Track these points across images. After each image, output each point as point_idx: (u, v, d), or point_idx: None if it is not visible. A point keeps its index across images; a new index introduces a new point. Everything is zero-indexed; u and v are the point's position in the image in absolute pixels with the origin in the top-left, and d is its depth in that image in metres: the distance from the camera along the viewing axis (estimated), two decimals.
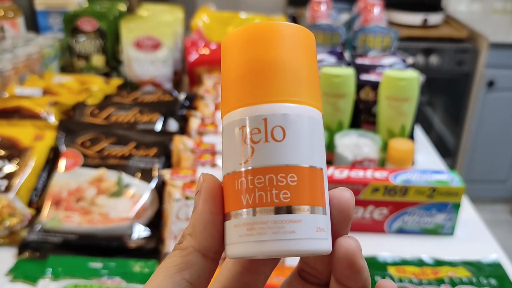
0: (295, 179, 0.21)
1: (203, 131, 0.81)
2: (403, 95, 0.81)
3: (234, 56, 0.23)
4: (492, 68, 1.98)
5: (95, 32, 1.13)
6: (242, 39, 0.23)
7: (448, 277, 0.62)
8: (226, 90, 0.24)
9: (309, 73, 0.23)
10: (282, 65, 0.23)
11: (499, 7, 2.36)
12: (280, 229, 0.21)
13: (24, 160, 0.74)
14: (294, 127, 0.22)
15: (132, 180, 0.71)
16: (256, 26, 0.23)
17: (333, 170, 0.71)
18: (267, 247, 0.21)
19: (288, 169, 0.21)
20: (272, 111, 0.22)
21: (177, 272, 0.22)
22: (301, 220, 0.21)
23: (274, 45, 0.23)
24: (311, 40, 0.24)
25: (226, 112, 0.23)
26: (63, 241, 0.65)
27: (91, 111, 0.86)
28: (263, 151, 0.22)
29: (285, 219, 0.21)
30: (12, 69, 0.99)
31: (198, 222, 0.23)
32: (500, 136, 2.09)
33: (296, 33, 0.23)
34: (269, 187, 0.21)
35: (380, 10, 1.21)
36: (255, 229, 0.21)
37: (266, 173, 0.21)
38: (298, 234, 0.21)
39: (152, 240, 0.66)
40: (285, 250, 0.21)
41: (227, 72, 0.24)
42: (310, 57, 0.24)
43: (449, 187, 0.69)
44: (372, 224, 0.71)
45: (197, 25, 1.27)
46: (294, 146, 0.22)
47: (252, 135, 0.22)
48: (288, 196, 0.21)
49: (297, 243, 0.21)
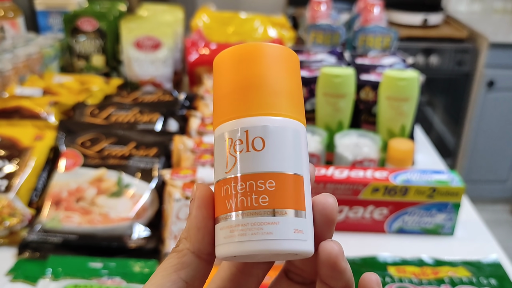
0: (273, 185, 0.23)
1: (203, 131, 0.81)
2: (403, 95, 0.81)
3: (223, 74, 0.26)
4: (492, 68, 1.97)
5: (95, 32, 1.13)
6: (231, 58, 0.26)
7: (448, 277, 0.62)
8: (216, 104, 0.26)
9: (289, 88, 0.25)
10: (263, 81, 0.25)
11: (499, 7, 2.36)
12: (258, 230, 0.23)
13: (24, 160, 0.74)
14: (273, 138, 0.24)
15: (132, 180, 0.71)
16: (243, 46, 0.25)
17: (333, 170, 0.71)
18: (246, 247, 0.23)
19: (267, 176, 0.23)
20: (253, 124, 0.24)
21: (174, 272, 0.24)
22: (279, 222, 0.23)
23: (257, 64, 0.25)
24: (292, 59, 0.26)
25: (216, 125, 0.26)
26: (63, 241, 0.65)
27: (91, 111, 0.86)
28: (245, 160, 0.24)
29: (264, 221, 0.23)
30: (12, 69, 0.99)
31: (192, 226, 0.25)
32: (500, 136, 2.09)
33: (278, 52, 0.25)
34: (249, 193, 0.23)
35: (380, 10, 1.21)
36: (237, 230, 0.23)
37: (247, 180, 0.23)
38: (276, 235, 0.23)
39: (152, 240, 0.66)
40: (263, 249, 0.23)
41: (217, 88, 0.26)
42: (291, 74, 0.26)
43: (449, 187, 0.69)
44: (372, 224, 0.71)
45: (197, 25, 1.27)
46: (273, 155, 0.24)
47: (235, 146, 0.24)
48: (266, 201, 0.23)
49: (275, 243, 0.23)
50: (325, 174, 0.69)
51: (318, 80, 0.85)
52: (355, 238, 0.71)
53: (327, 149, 0.86)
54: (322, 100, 0.85)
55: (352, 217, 0.71)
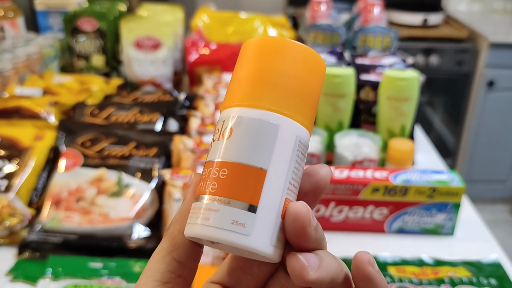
0: (226, 174, 0.24)
1: (203, 131, 0.81)
2: (403, 95, 0.81)
3: (248, 58, 0.26)
4: (492, 68, 1.97)
5: (95, 32, 1.13)
6: (262, 47, 0.26)
7: (448, 277, 0.62)
8: (230, 85, 0.27)
9: (291, 85, 0.25)
10: (260, 73, 0.25)
11: (499, 7, 2.36)
12: (202, 215, 0.23)
13: (24, 160, 0.74)
14: (241, 128, 0.24)
15: (132, 180, 0.71)
16: (280, 40, 0.25)
17: (333, 170, 0.71)
18: (190, 229, 0.24)
19: (223, 164, 0.24)
20: (230, 114, 0.25)
21: (167, 254, 0.25)
22: (218, 210, 0.23)
23: (285, 64, 0.25)
24: (322, 68, 0.26)
25: (223, 108, 0.27)
26: (63, 241, 0.65)
27: (91, 111, 0.86)
28: (213, 148, 0.25)
29: (207, 207, 0.23)
30: (12, 69, 0.99)
31: (185, 209, 0.25)
32: (500, 136, 2.09)
33: (312, 58, 0.26)
34: (206, 179, 0.24)
35: (380, 10, 1.21)
36: (193, 213, 0.24)
37: (209, 166, 0.25)
38: (212, 222, 0.23)
39: (152, 240, 0.66)
40: (199, 234, 0.23)
41: (237, 71, 0.27)
42: (302, 73, 0.25)
43: (449, 187, 0.69)
44: (372, 224, 0.71)
45: (197, 25, 1.27)
46: (236, 145, 0.24)
47: (214, 134, 0.25)
48: (215, 188, 0.24)
49: (209, 229, 0.23)
50: None
51: None
52: (355, 238, 0.71)
53: (327, 149, 0.86)
54: (322, 100, 0.85)
55: (352, 217, 0.71)
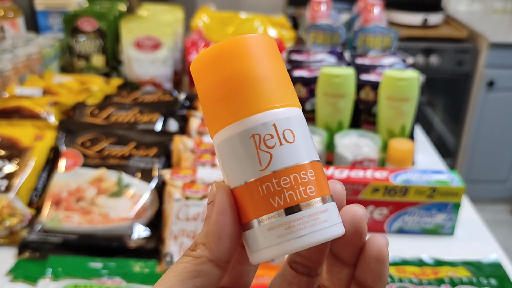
0: (313, 174, 0.23)
1: (203, 131, 0.81)
2: (403, 95, 0.81)
3: (211, 76, 0.24)
4: (492, 68, 1.97)
5: (95, 32, 1.13)
6: (213, 59, 0.24)
7: (448, 277, 0.62)
8: (212, 108, 0.24)
9: (285, 76, 0.25)
10: (263, 73, 0.24)
11: (499, 7, 2.36)
12: (315, 220, 0.23)
13: (24, 160, 0.74)
14: (298, 128, 0.24)
15: (132, 180, 0.71)
16: (224, 43, 0.24)
17: (333, 170, 0.71)
18: (308, 239, 0.22)
19: (306, 166, 0.23)
20: (277, 116, 0.23)
21: (189, 279, 0.23)
22: (328, 209, 0.23)
23: (248, 57, 0.24)
24: (275, 45, 0.26)
25: (219, 128, 0.24)
26: (63, 241, 0.65)
27: (91, 111, 0.86)
28: (281, 154, 0.23)
29: (318, 211, 0.23)
30: (12, 69, 0.99)
31: (212, 233, 0.23)
32: (500, 136, 2.09)
33: (260, 42, 0.25)
34: (295, 186, 0.23)
35: (380, 10, 1.21)
36: (294, 226, 0.22)
37: (289, 173, 0.23)
38: (330, 222, 0.23)
39: (152, 240, 0.66)
40: (324, 238, 0.23)
41: (207, 92, 0.25)
42: (280, 61, 0.25)
43: (449, 187, 0.69)
44: (372, 224, 0.71)
45: (197, 25, 1.27)
46: (303, 145, 0.24)
47: (265, 141, 0.23)
48: (313, 190, 0.23)
49: (332, 229, 0.23)
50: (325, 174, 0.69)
51: (318, 80, 0.85)
52: None
53: (327, 149, 0.86)
54: (322, 100, 0.85)
55: None
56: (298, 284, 0.26)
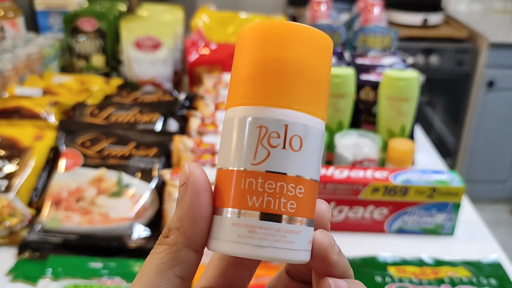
0: (302, 191, 0.22)
1: (203, 131, 0.81)
2: (403, 95, 0.81)
3: (252, 50, 0.23)
4: (492, 68, 1.98)
5: (95, 32, 1.13)
6: (263, 35, 0.23)
7: (448, 277, 0.62)
8: (239, 82, 0.23)
9: (326, 84, 0.23)
10: (306, 72, 0.22)
11: (499, 7, 2.36)
12: (281, 238, 0.22)
13: (24, 160, 0.74)
14: (310, 140, 0.22)
15: (132, 180, 0.71)
16: (281, 24, 0.22)
17: (333, 170, 0.71)
18: (266, 253, 0.21)
19: (298, 181, 0.22)
20: (294, 119, 0.22)
21: (168, 269, 0.22)
22: (300, 231, 0.22)
23: (297, 48, 0.22)
24: (331, 48, 0.24)
25: (237, 105, 0.23)
26: (63, 241, 0.65)
27: (91, 111, 0.86)
28: (279, 157, 0.22)
29: (288, 229, 0.22)
30: (12, 69, 0.99)
31: (187, 217, 0.22)
32: (500, 136, 2.09)
33: (318, 38, 0.23)
34: (278, 194, 0.22)
35: (380, 10, 1.21)
36: (258, 233, 0.21)
37: (278, 180, 0.22)
38: (296, 245, 0.22)
39: (152, 240, 0.66)
40: (282, 258, 0.22)
41: (241, 65, 0.23)
42: (328, 66, 0.23)
43: (449, 187, 0.69)
44: (372, 224, 0.71)
45: (197, 25, 1.27)
46: (307, 158, 0.22)
47: (270, 138, 0.22)
48: (294, 207, 0.22)
49: (293, 253, 0.22)
50: (325, 174, 0.69)
51: None
52: (355, 238, 0.71)
53: (327, 149, 0.86)
54: None
55: (352, 217, 0.71)
56: None
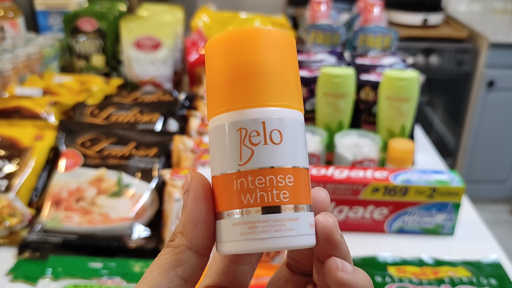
0: (292, 180, 0.23)
1: (203, 131, 0.81)
2: (403, 95, 0.81)
3: (220, 60, 0.24)
4: (492, 68, 1.98)
5: (95, 32, 1.13)
6: (227, 44, 0.24)
7: (448, 277, 0.62)
8: (214, 93, 0.24)
9: (294, 77, 0.25)
10: (273, 70, 0.24)
11: (499, 7, 2.36)
12: (281, 227, 0.23)
13: (24, 160, 0.74)
14: (289, 131, 0.23)
15: (132, 180, 0.71)
16: (242, 31, 0.24)
17: (333, 170, 0.71)
18: (269, 244, 0.22)
19: (286, 171, 0.23)
20: (269, 115, 0.23)
21: (171, 269, 0.23)
22: (298, 218, 0.23)
23: (261, 50, 0.24)
24: (293, 44, 0.25)
25: (216, 114, 0.24)
26: (63, 241, 0.65)
27: (91, 111, 0.86)
28: (263, 153, 0.23)
29: (285, 218, 0.23)
30: (12, 69, 0.99)
31: (188, 221, 0.23)
32: (500, 136, 2.09)
33: (279, 37, 0.24)
34: (269, 188, 0.23)
35: (380, 10, 1.21)
36: (258, 227, 0.22)
37: (266, 174, 0.23)
38: (297, 231, 0.23)
39: (152, 240, 0.66)
40: (286, 246, 0.23)
41: (214, 76, 0.24)
42: (294, 61, 0.25)
43: (449, 187, 0.69)
44: (372, 224, 0.71)
45: (197, 25, 1.27)
46: (290, 148, 0.23)
47: (251, 137, 0.23)
48: (287, 196, 0.23)
49: (296, 239, 0.23)
50: (325, 174, 0.69)
51: (318, 80, 0.85)
52: (355, 238, 0.71)
53: (327, 149, 0.86)
54: (322, 100, 0.85)
55: (352, 217, 0.71)
56: (296, 282, 0.27)
